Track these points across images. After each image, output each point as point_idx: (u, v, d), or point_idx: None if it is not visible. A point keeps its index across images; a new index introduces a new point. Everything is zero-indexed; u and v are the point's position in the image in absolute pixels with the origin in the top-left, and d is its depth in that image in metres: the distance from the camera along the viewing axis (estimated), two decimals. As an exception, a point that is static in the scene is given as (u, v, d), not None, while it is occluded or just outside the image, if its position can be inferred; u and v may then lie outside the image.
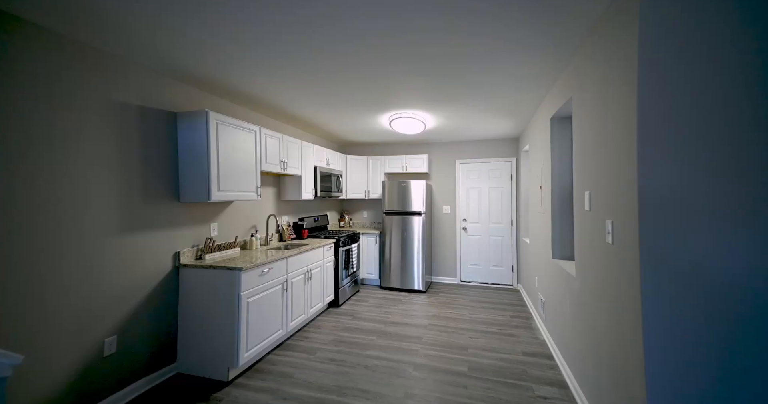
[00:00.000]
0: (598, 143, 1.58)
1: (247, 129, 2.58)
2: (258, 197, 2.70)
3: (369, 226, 5.03)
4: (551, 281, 2.56)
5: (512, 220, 4.43)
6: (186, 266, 2.23)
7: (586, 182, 1.75)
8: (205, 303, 2.19)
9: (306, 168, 3.51)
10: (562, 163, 2.50)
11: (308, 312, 3.01)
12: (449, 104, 2.85)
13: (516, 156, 4.44)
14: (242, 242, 2.89)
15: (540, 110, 2.88)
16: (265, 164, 2.81)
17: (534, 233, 3.27)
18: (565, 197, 2.49)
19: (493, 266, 4.53)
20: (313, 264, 3.12)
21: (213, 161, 2.23)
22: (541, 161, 2.89)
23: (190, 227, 2.38)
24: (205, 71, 2.12)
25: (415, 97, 2.69)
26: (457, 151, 4.68)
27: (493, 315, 3.35)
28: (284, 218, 3.60)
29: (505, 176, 4.48)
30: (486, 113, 3.17)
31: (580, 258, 1.85)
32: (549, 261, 2.61)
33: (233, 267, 2.13)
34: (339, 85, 2.43)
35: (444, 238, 4.72)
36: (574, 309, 1.97)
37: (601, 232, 1.54)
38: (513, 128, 3.84)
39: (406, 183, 4.20)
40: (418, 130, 3.61)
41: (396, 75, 2.23)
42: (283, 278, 2.62)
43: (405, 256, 4.21)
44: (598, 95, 1.56)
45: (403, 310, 3.51)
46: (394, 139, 4.51)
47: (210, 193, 2.20)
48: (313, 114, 3.25)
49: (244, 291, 2.16)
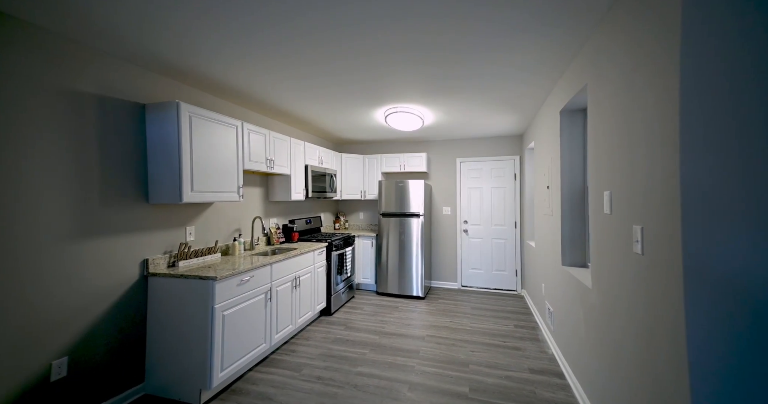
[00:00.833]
0: (621, 136, 1.35)
1: (227, 123, 2.35)
2: (240, 198, 2.47)
3: (365, 228, 4.80)
4: (561, 291, 2.33)
5: (516, 222, 4.20)
6: (155, 274, 2.01)
7: (605, 182, 1.52)
8: (175, 316, 1.96)
9: (296, 167, 3.28)
10: (573, 160, 2.27)
11: (296, 322, 2.78)
12: (448, 96, 2.62)
13: (520, 154, 4.20)
14: (224, 247, 2.67)
15: (548, 103, 2.65)
16: (248, 162, 2.59)
17: (540, 237, 3.04)
18: (576, 198, 2.26)
19: (495, 271, 4.29)
20: (303, 270, 2.90)
21: (185, 158, 2.00)
22: (548, 158, 2.66)
23: (162, 231, 2.15)
24: (182, 61, 1.89)
25: (412, 90, 2.47)
26: (457, 149, 4.45)
27: (496, 325, 3.11)
28: (273, 221, 3.37)
29: (509, 175, 4.25)
30: (488, 107, 2.94)
31: (598, 268, 1.62)
32: (558, 268, 2.37)
33: (206, 277, 1.90)
34: (330, 77, 2.21)
35: (444, 241, 4.48)
36: (591, 324, 1.74)
37: (627, 239, 1.30)
38: (517, 124, 3.60)
39: (404, 183, 3.98)
40: (415, 126, 3.38)
41: (391, 65, 2.02)
42: (267, 287, 2.39)
43: (403, 260, 3.98)
44: (622, 81, 1.33)
45: (399, 319, 3.28)
46: (391, 136, 4.28)
47: (181, 193, 1.98)
48: (304, 109, 3.02)
49: (219, 303, 1.94)
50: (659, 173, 1.07)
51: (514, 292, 4.20)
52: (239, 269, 2.10)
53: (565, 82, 2.12)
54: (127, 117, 1.94)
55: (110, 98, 1.84)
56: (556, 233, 2.42)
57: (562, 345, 2.31)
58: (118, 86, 1.89)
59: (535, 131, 3.27)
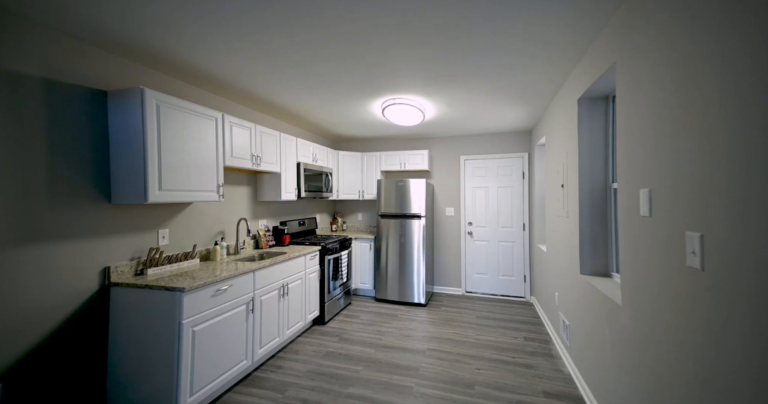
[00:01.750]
0: (667, 121, 1.08)
1: (205, 115, 2.11)
2: (220, 198, 2.23)
3: (364, 230, 4.55)
4: (579, 303, 2.05)
5: (524, 224, 3.91)
6: (117, 284, 1.77)
7: (642, 178, 1.25)
8: (140, 332, 1.72)
9: (287, 164, 3.04)
10: (593, 155, 1.99)
11: (284, 334, 2.54)
12: (450, 85, 2.36)
13: (529, 151, 3.92)
14: (204, 251, 2.43)
15: (563, 91, 2.37)
16: (230, 159, 2.35)
17: (553, 240, 2.76)
18: (596, 198, 1.99)
19: (502, 276, 4.01)
20: (292, 277, 2.65)
21: (151, 153, 1.76)
22: (562, 154, 2.39)
23: (129, 234, 1.92)
24: (156, 45, 1.66)
25: (411, 78, 2.21)
26: (461, 146, 4.18)
27: (504, 337, 2.84)
28: (262, 222, 3.13)
29: (516, 173, 3.97)
30: (494, 98, 2.67)
31: (632, 282, 1.35)
32: (576, 277, 2.10)
33: (172, 288, 1.66)
34: (322, 64, 1.97)
35: (447, 244, 4.21)
36: (620, 348, 1.46)
37: (676, 250, 1.03)
38: (526, 118, 3.33)
39: (405, 182, 3.72)
40: (416, 120, 3.12)
41: (388, 51, 1.78)
42: (248, 297, 2.15)
43: (403, 264, 3.72)
44: (669, 52, 1.06)
45: (398, 329, 3.02)
46: (390, 133, 4.02)
47: (147, 193, 1.74)
48: (296, 102, 2.78)
49: (188, 318, 1.69)
50: (725, 166, 0.80)
51: (523, 299, 3.91)
52: (215, 277, 1.86)
53: (586, 65, 1.85)
54: (85, 105, 1.71)
55: (61, 83, 1.61)
56: (572, 238, 2.15)
57: (582, 364, 2.04)
58: (72, 70, 1.65)
59: (546, 125, 2.99)
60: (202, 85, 2.36)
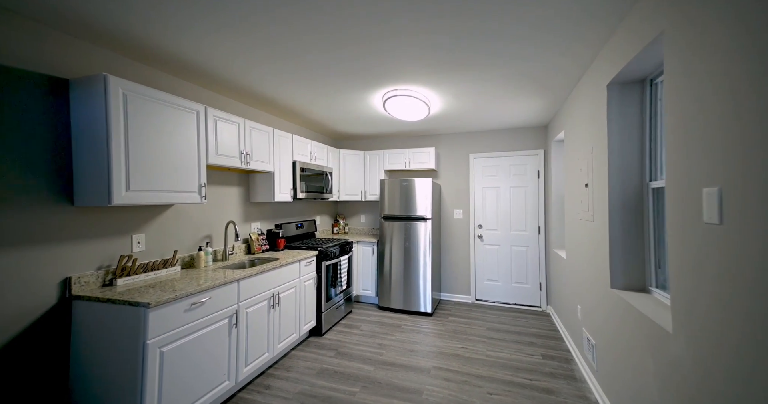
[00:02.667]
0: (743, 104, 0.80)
1: (183, 107, 1.91)
2: (202, 199, 2.02)
3: (367, 233, 4.31)
4: (610, 321, 1.76)
5: (539, 227, 3.61)
6: (80, 297, 1.57)
7: (707, 173, 0.97)
8: (103, 352, 1.52)
9: (281, 163, 2.82)
10: (626, 149, 1.70)
11: (275, 348, 2.31)
12: (457, 72, 2.09)
13: (544, 148, 3.61)
14: (187, 258, 2.22)
15: (588, 77, 2.09)
16: (214, 156, 2.14)
17: (574, 246, 2.46)
18: (630, 199, 1.70)
19: (515, 283, 3.71)
20: (284, 285, 2.43)
21: (117, 149, 1.56)
22: (585, 149, 2.10)
23: (96, 240, 1.72)
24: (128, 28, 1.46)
25: (414, 65, 1.95)
26: (470, 143, 3.90)
27: (519, 354, 2.55)
28: (255, 225, 2.92)
29: (531, 172, 3.67)
30: (506, 88, 2.39)
31: (690, 307, 1.07)
32: (605, 291, 1.81)
33: (136, 303, 1.45)
34: (314, 53, 1.74)
35: (455, 248, 3.94)
36: (670, 382, 1.18)
37: (760, 271, 0.76)
38: (542, 111, 3.03)
39: (409, 182, 3.46)
40: (420, 115, 2.87)
41: (388, 39, 1.57)
42: (231, 310, 1.93)
43: (408, 270, 3.46)
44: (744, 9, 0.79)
45: (401, 342, 2.77)
46: (394, 129, 3.77)
47: (111, 194, 1.54)
48: (290, 96, 2.56)
49: (155, 337, 1.48)
50: None
51: (538, 309, 3.60)
52: (193, 288, 1.64)
53: (619, 41, 1.56)
54: (42, 95, 1.51)
55: (11, 69, 1.41)
56: (600, 245, 1.86)
57: (613, 393, 1.74)
58: (26, 55, 1.46)
59: (566, 118, 2.70)
60: (190, 78, 2.16)
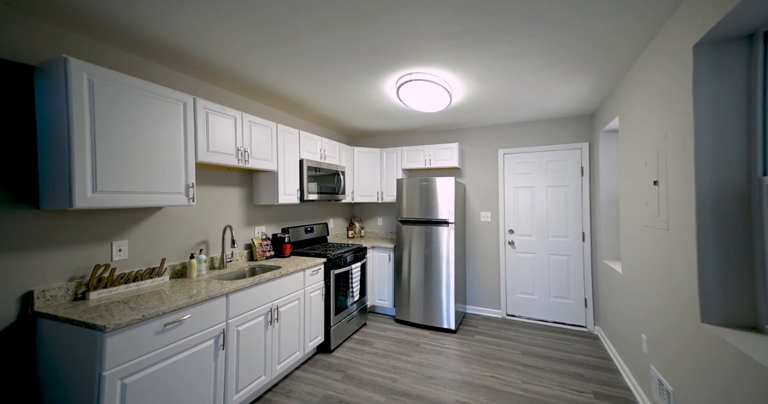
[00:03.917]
0: None
1: (167, 98, 1.68)
2: (190, 201, 1.79)
3: (385, 237, 3.98)
4: (700, 365, 1.30)
5: (584, 233, 3.09)
6: (41, 315, 1.37)
7: None
8: (65, 382, 1.30)
9: (285, 162, 2.57)
10: (725, 131, 1.24)
11: (273, 370, 2.04)
12: (483, 46, 1.71)
13: (589, 140, 3.09)
14: (179, 266, 2.01)
15: (660, 41, 1.62)
16: (205, 153, 1.91)
17: (636, 260, 1.98)
18: (731, 202, 1.23)
19: (554, 298, 3.21)
20: (286, 297, 2.16)
21: (80, 143, 1.35)
22: (656, 137, 1.63)
23: (68, 248, 1.53)
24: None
25: (430, 37, 1.60)
26: (499, 137, 3.45)
27: (563, 389, 2.09)
28: (259, 230, 2.69)
29: (572, 169, 3.16)
30: (545, 67, 1.96)
31: None
32: (693, 327, 1.34)
33: (92, 325, 1.22)
34: (317, 34, 1.44)
35: (482, 255, 3.50)
36: None
37: None
38: (587, 95, 2.54)
39: (430, 182, 3.09)
40: (440, 104, 2.50)
41: (399, 11, 1.21)
42: (218, 329, 1.67)
43: (429, 280, 3.09)
44: None
45: (419, 365, 2.40)
46: (412, 124, 3.42)
47: (72, 195, 1.32)
48: (294, 86, 2.30)
49: (115, 368, 1.24)
50: None
51: (583, 330, 3.08)
52: (162, 308, 1.40)
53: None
54: (1, 83, 1.34)
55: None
56: (680, 262, 1.39)
57: (703, 465, 1.28)
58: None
59: (622, 100, 2.21)
60: (185, 69, 1.97)
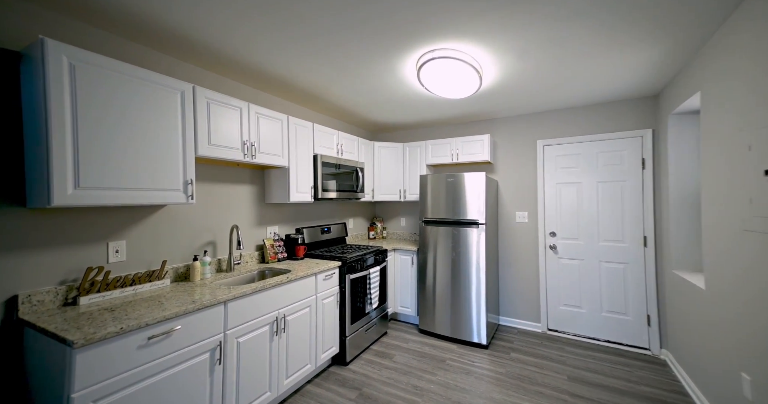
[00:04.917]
0: None
1: (161, 85, 1.54)
2: (189, 199, 1.65)
3: (408, 238, 3.70)
4: None
5: (645, 237, 2.59)
6: (24, 322, 1.27)
7: None
8: (36, 401, 1.18)
9: (299, 157, 2.39)
10: None
11: (279, 386, 1.85)
12: (527, 4, 1.37)
13: (654, 126, 2.59)
14: (182, 269, 1.89)
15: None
16: (206, 147, 1.76)
17: (729, 273, 1.53)
18: None
19: (607, 313, 2.74)
20: (295, 305, 1.96)
21: (59, 134, 1.22)
22: (760, 114, 1.20)
23: (60, 249, 1.43)
24: None
25: (454, 3, 1.31)
26: (537, 126, 3.03)
27: (624, 430, 1.69)
28: (272, 230, 2.53)
29: (630, 161, 2.67)
30: (600, 33, 1.57)
31: None
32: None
33: (62, 338, 1.07)
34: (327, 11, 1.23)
35: (518, 261, 3.10)
36: None
37: None
38: (652, 70, 2.08)
39: (457, 178, 2.77)
40: (469, 88, 2.17)
41: None
42: (215, 341, 1.50)
43: (456, 287, 2.76)
44: None
45: (445, 387, 2.09)
46: (437, 114, 3.11)
47: (51, 192, 1.20)
48: (306, 73, 2.10)
49: (87, 389, 1.08)
50: None
51: (646, 352, 2.58)
52: (145, 319, 1.24)
53: None
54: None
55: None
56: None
57: None
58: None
59: (709, 68, 1.75)
60: (187, 57, 1.84)
